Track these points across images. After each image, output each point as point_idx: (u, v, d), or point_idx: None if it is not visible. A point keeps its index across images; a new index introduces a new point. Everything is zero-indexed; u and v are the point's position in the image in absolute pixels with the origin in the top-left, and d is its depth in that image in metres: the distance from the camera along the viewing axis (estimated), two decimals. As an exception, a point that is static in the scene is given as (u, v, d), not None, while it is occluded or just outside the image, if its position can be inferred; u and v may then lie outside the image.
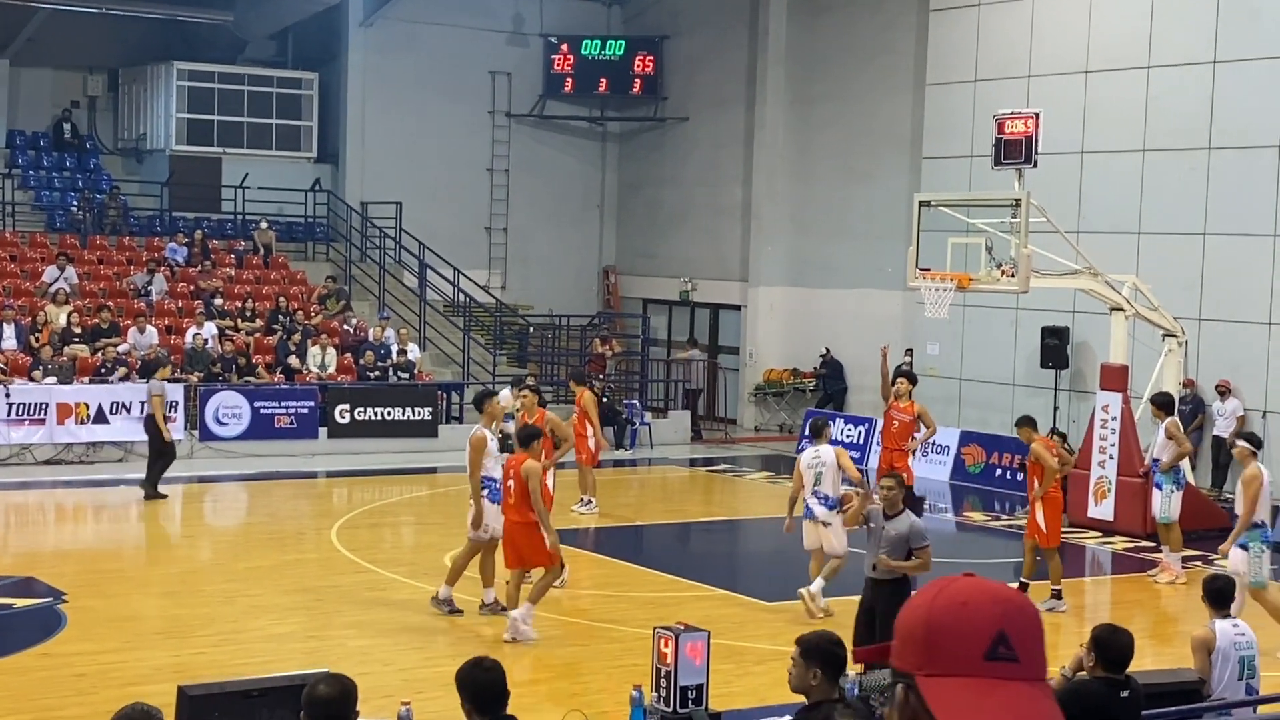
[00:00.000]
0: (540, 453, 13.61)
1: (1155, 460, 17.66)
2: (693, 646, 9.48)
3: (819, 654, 6.67)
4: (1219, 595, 9.46)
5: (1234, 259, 22.40)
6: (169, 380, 21.90)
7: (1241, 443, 14.62)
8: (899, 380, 18.40)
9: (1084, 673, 7.90)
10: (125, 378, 24.10)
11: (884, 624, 10.93)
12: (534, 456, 13.23)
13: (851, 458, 16.28)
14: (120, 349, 24.68)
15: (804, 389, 29.88)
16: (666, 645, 9.65)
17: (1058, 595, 15.04)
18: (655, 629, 10.23)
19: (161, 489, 20.30)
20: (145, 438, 21.01)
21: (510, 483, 13.36)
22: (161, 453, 20.47)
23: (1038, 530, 15.21)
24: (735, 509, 22.98)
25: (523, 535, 13.13)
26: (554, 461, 15.87)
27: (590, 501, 19.74)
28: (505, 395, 24.38)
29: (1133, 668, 7.86)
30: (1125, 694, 7.59)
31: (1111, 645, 7.42)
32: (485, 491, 13.95)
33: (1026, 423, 15.97)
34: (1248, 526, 13.53)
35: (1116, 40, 23.96)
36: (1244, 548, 13.52)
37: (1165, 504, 17.12)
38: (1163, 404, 17.61)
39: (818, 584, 14.12)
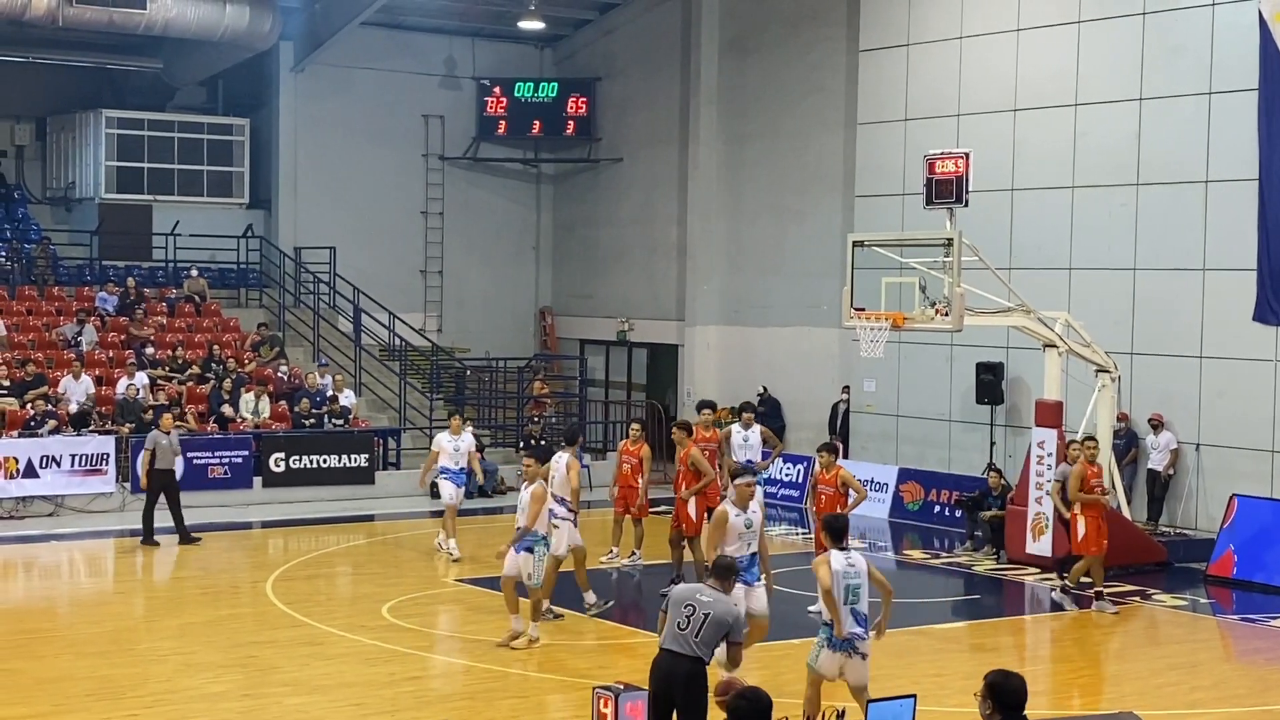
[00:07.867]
0: None
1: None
2: (633, 706, 9.35)
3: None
4: (839, 532, 11.54)
5: (1164, 293, 22.60)
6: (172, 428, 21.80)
7: (529, 459, 15.80)
8: (821, 453, 16.95)
9: None
10: (56, 430, 23.77)
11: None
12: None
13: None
14: (56, 393, 24.35)
15: (742, 428, 29.80)
16: (606, 706, 9.51)
17: None
18: (595, 689, 10.06)
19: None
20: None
21: None
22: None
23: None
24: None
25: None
26: (694, 492, 17.99)
27: (635, 554, 20.37)
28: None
29: (1066, 709, 7.85)
30: None
31: (1006, 690, 7.49)
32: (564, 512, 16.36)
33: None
34: (529, 533, 14.99)
35: (1044, 78, 24.18)
36: (530, 550, 14.98)
37: None
38: (745, 409, 20.20)
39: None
